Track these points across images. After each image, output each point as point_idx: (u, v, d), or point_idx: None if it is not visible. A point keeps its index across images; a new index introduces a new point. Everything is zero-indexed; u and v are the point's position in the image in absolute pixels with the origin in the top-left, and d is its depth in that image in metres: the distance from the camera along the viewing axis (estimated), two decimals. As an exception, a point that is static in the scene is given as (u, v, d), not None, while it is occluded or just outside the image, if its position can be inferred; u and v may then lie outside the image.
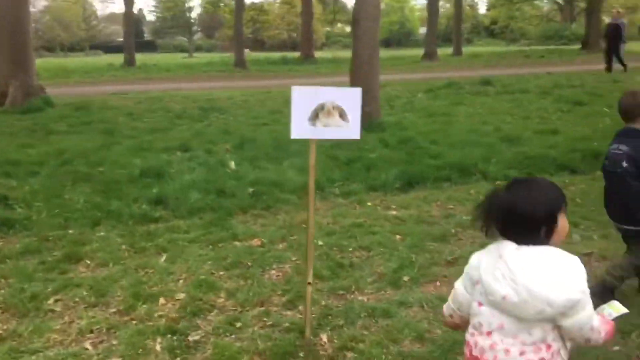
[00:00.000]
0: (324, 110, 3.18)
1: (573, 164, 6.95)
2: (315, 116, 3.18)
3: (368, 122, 9.00)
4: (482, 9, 79.53)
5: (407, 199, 6.08)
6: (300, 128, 3.17)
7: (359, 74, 9.22)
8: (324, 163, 7.17)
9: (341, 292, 4.03)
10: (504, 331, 1.94)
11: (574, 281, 1.86)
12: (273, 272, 4.41)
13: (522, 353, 1.91)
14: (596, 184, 6.30)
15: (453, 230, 5.10)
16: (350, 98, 3.21)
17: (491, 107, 12.25)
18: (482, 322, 1.99)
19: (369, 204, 5.96)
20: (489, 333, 1.97)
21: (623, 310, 2.08)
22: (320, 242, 4.90)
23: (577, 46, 35.93)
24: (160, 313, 3.74)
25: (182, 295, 3.96)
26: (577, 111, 11.46)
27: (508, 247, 1.95)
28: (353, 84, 9.26)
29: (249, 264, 4.52)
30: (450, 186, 6.47)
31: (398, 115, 10.92)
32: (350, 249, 4.77)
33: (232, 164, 7.21)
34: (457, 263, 4.38)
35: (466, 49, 38.94)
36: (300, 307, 3.75)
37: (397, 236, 5.02)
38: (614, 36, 18.90)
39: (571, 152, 7.30)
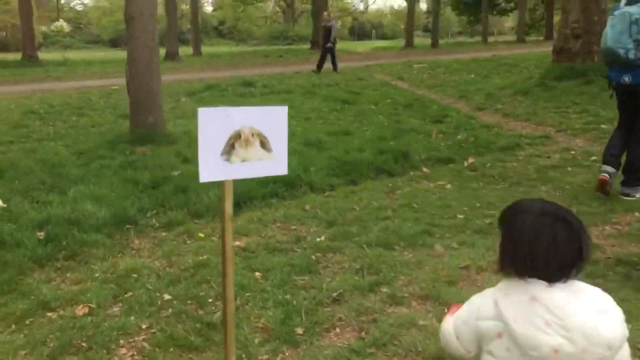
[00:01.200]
0: (240, 140, 2.29)
1: (389, 166, 6.83)
2: (230, 148, 2.27)
3: (152, 133, 7.92)
4: (209, 8, 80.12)
5: (241, 223, 5.27)
6: (211, 167, 2.24)
7: (137, 78, 8.00)
8: (122, 188, 5.97)
9: (232, 366, 3.12)
10: None
11: (617, 312, 1.62)
12: (123, 352, 3.29)
13: None
14: (420, 186, 6.26)
15: (314, 257, 4.47)
16: (274, 119, 2.37)
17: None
18: None
19: (201, 234, 5.01)
20: None
21: None
22: (166, 296, 3.88)
23: (305, 45, 38.07)
24: None
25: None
26: (348, 110, 11.71)
27: (539, 287, 1.61)
28: (132, 90, 8.02)
29: (84, 345, 3.32)
30: (280, 202, 5.83)
31: (178, 123, 9.87)
32: (210, 300, 3.84)
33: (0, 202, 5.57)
34: (344, 299, 3.77)
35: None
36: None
37: (257, 273, 4.22)
38: (325, 38, 20.49)
39: (380, 154, 7.21)
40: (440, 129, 9.30)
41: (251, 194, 5.77)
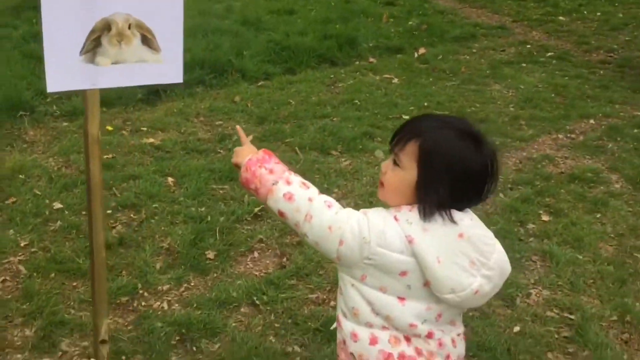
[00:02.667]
0: (110, 34, 1.62)
1: (332, 54, 6.15)
2: (93, 45, 1.61)
3: None
4: None
5: (158, 114, 4.60)
6: (64, 70, 1.58)
7: None
8: (22, 66, 5.13)
9: (125, 299, 2.63)
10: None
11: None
12: (-4, 275, 2.73)
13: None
14: (365, 79, 5.68)
15: (238, 161, 3.91)
16: (164, 6, 1.70)
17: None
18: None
19: (109, 127, 4.33)
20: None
21: None
22: (57, 205, 3.29)
23: None
24: None
25: None
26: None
27: (465, 223, 1.35)
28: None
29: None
30: (207, 91, 5.14)
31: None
32: (109, 211, 3.27)
33: None
34: (268, 215, 3.28)
35: None
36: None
37: (169, 179, 3.65)
38: None
39: (324, 39, 6.48)
40: (391, 12, 8.54)
41: (172, 80, 5.04)
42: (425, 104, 5.06)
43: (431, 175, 1.33)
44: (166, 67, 1.78)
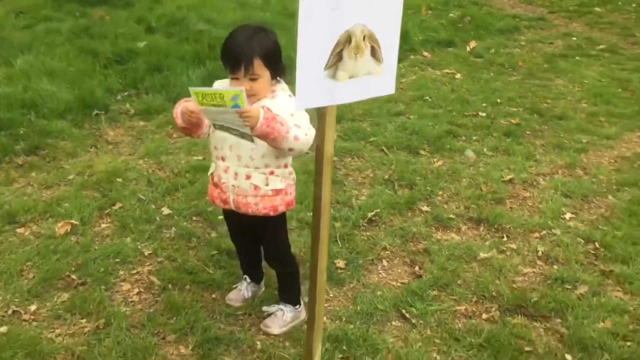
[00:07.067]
0: (350, 45, 1.53)
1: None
2: (336, 59, 1.51)
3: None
4: None
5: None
6: (312, 86, 1.49)
7: None
8: (81, 61, 4.99)
9: (269, 311, 2.53)
10: None
11: None
12: (126, 287, 2.63)
13: None
14: (426, 74, 5.59)
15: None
16: (386, 11, 1.60)
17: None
18: None
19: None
20: None
21: None
22: (165, 210, 3.19)
23: None
24: None
25: None
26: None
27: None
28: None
29: (74, 278, 2.64)
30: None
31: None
32: (220, 216, 3.17)
33: None
34: (382, 220, 3.19)
35: None
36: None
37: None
38: None
39: None
40: (427, 4, 8.42)
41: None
42: (498, 100, 4.98)
43: (275, 67, 2.02)
44: (384, 78, 1.68)
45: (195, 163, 3.68)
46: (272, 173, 2.08)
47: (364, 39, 1.55)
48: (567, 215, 3.31)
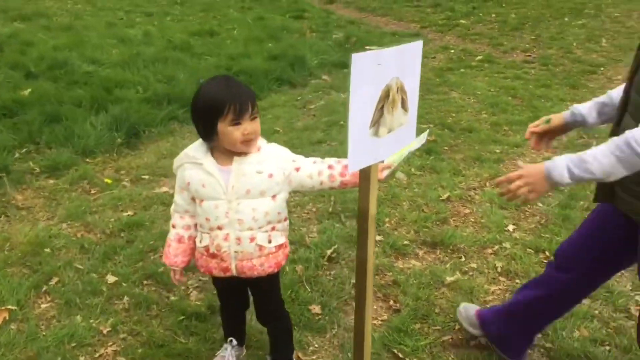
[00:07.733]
0: (388, 100, 1.46)
1: (288, 75, 6.03)
2: (379, 115, 1.44)
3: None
4: None
5: (149, 159, 4.23)
6: (362, 147, 1.40)
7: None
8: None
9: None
10: None
11: None
12: None
13: None
14: (332, 98, 5.63)
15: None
16: (409, 62, 1.56)
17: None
18: None
19: (107, 180, 3.89)
20: None
21: None
22: (110, 278, 2.90)
23: None
24: None
25: None
26: (191, 2, 10.35)
27: None
28: None
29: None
30: (183, 126, 4.80)
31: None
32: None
33: None
34: (341, 256, 3.13)
35: None
36: None
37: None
38: None
39: (272, 59, 6.33)
40: (309, 25, 8.53)
41: (147, 118, 4.66)
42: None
43: None
44: (408, 127, 1.64)
45: (126, 220, 3.40)
46: (273, 229, 1.96)
47: (397, 91, 1.49)
48: (510, 227, 3.45)
